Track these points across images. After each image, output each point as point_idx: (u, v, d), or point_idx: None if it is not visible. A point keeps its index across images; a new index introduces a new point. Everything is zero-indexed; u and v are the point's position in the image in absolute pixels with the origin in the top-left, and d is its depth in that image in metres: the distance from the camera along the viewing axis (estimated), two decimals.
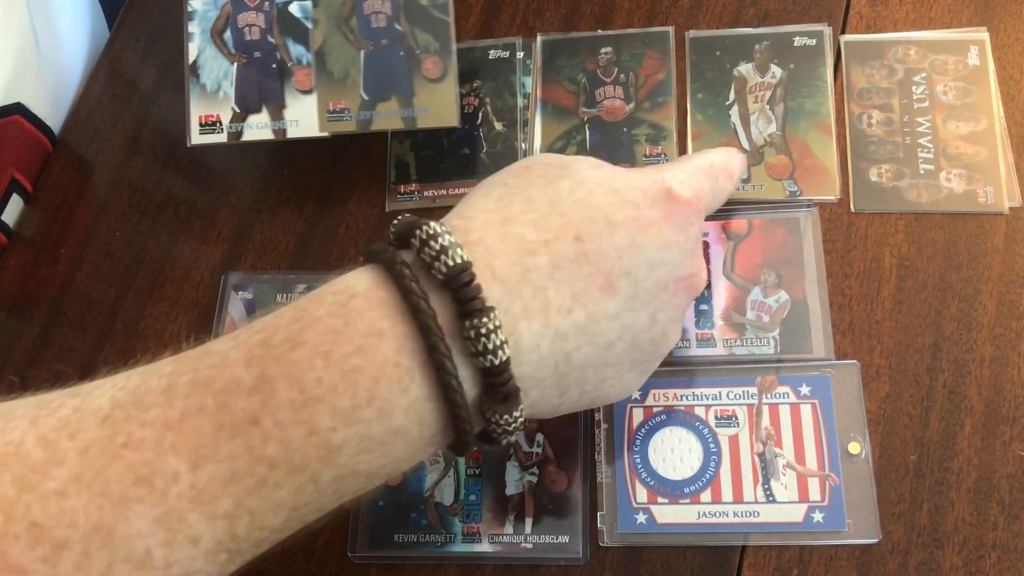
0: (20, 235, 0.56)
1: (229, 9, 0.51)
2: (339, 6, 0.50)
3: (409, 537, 0.45)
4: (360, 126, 0.49)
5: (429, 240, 0.30)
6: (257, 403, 0.28)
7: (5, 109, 0.54)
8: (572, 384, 0.34)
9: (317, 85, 0.50)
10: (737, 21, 0.53)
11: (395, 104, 0.49)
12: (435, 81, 0.49)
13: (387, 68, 0.49)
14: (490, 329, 0.29)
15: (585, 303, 0.32)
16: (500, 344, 0.30)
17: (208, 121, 0.50)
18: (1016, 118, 0.49)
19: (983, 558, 0.41)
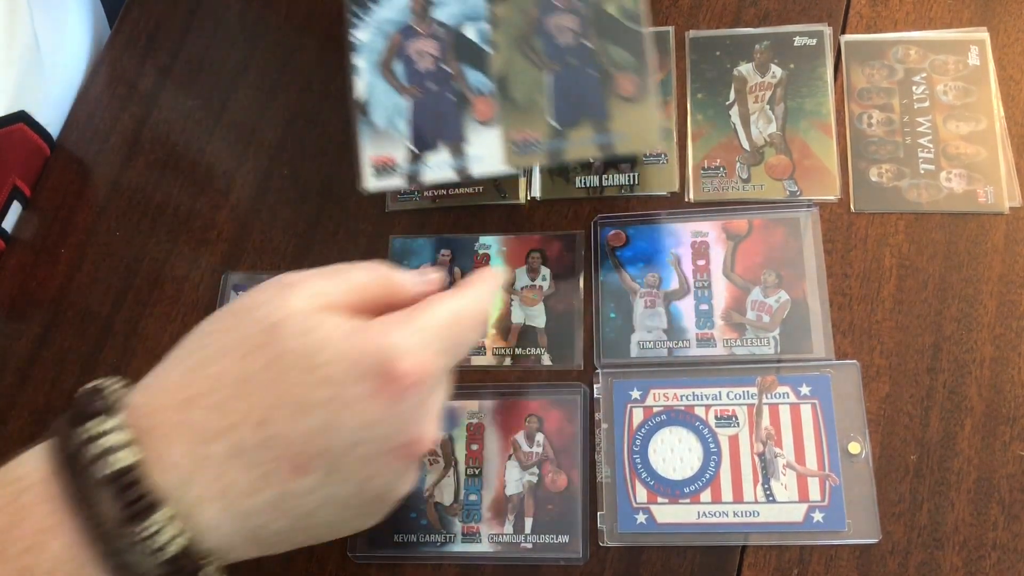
0: (20, 236, 0.56)
1: (398, 38, 0.46)
2: (520, 25, 0.45)
3: (409, 537, 0.45)
4: (550, 158, 0.44)
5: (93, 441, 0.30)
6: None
7: (10, 118, 0.54)
8: (276, 545, 0.34)
9: (500, 115, 0.45)
10: (737, 21, 0.53)
11: (588, 130, 0.44)
12: (632, 101, 0.44)
13: (577, 90, 0.44)
14: (157, 529, 0.29)
15: (272, 484, 0.32)
16: (172, 539, 0.30)
17: (382, 164, 0.45)
18: (1016, 118, 0.48)
19: (983, 558, 0.41)
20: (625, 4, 0.44)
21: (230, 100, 0.57)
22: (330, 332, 0.33)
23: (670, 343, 0.47)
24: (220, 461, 0.31)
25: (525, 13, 0.45)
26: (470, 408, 0.47)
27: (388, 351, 0.32)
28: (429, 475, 0.46)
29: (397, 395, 0.32)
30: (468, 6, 0.45)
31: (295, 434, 0.32)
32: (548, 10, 0.45)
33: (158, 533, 0.29)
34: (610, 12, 0.44)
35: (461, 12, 0.45)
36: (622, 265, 0.49)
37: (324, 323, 0.33)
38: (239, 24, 0.60)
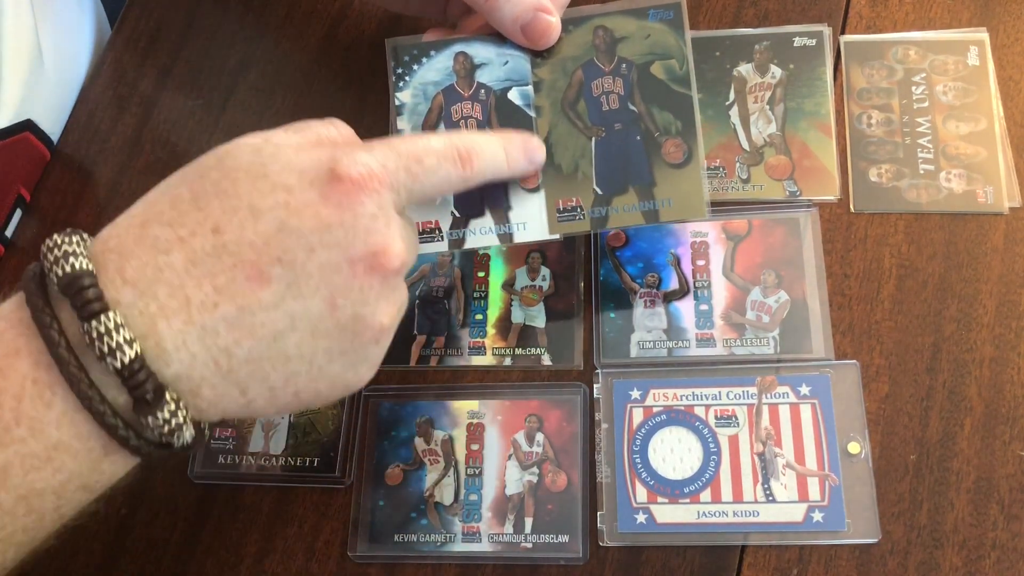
0: (21, 236, 0.56)
1: (441, 100, 0.45)
2: (564, 89, 0.44)
3: (409, 537, 0.45)
4: (595, 225, 0.43)
5: (48, 252, 0.31)
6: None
7: (16, 127, 0.54)
8: (250, 380, 0.32)
9: (544, 181, 0.43)
10: (737, 21, 0.53)
11: (633, 197, 0.43)
12: (678, 167, 0.43)
13: (622, 156, 0.43)
14: (107, 329, 0.29)
15: (232, 295, 0.31)
16: (121, 344, 0.29)
17: (426, 228, 0.44)
18: (1016, 118, 0.49)
19: (983, 558, 0.41)
20: (672, 67, 0.44)
21: (230, 100, 0.58)
22: (281, 148, 0.33)
23: (670, 343, 0.47)
24: (177, 272, 0.31)
25: (569, 76, 0.44)
26: (470, 408, 0.47)
27: (337, 159, 0.33)
28: (429, 475, 0.46)
29: (348, 198, 0.32)
30: (512, 69, 0.45)
31: (249, 239, 0.31)
32: (593, 73, 0.44)
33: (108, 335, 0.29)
34: (657, 75, 0.44)
35: (505, 75, 0.45)
36: (622, 265, 0.49)
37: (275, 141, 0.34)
38: (239, 24, 0.60)
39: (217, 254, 0.31)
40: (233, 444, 0.48)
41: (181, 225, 0.32)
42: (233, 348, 0.31)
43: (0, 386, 0.30)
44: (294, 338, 0.32)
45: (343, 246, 0.32)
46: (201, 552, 0.46)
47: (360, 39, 0.58)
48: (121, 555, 0.47)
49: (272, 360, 0.32)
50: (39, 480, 0.30)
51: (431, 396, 0.48)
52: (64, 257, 0.30)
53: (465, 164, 0.37)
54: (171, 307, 0.31)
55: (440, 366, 0.48)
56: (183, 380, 0.31)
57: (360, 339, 0.34)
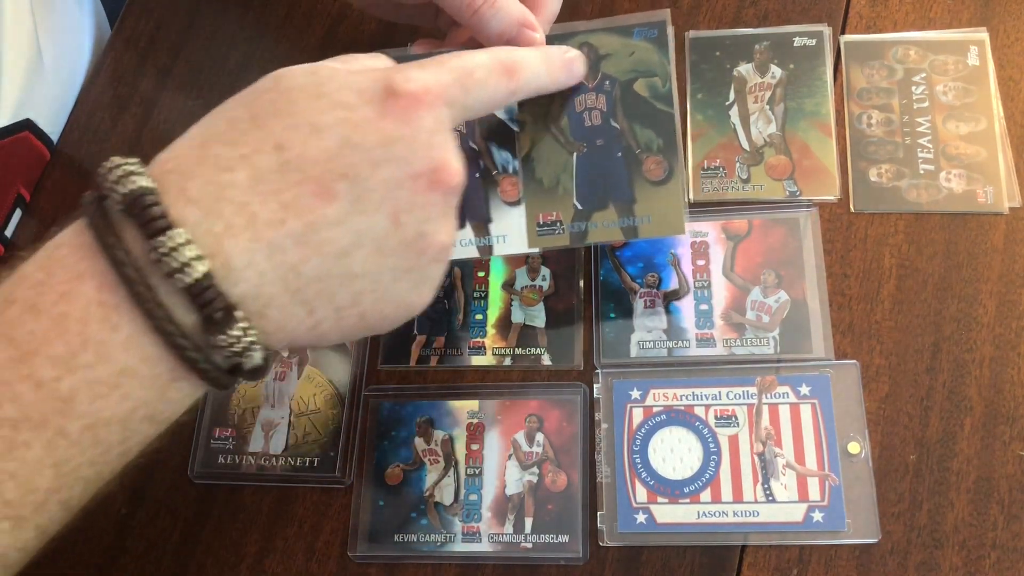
0: (21, 236, 0.56)
1: None
2: (548, 104, 0.44)
3: (409, 537, 0.45)
4: (574, 240, 0.44)
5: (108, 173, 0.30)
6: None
7: (15, 127, 0.54)
8: (317, 300, 0.32)
9: (525, 195, 0.44)
10: (737, 21, 0.53)
11: (613, 213, 0.43)
12: (659, 184, 0.43)
13: (603, 172, 0.43)
14: (176, 245, 0.29)
15: (299, 212, 0.31)
16: (190, 260, 0.29)
17: None
18: (1016, 118, 0.49)
19: (983, 558, 0.41)
20: (655, 84, 0.44)
21: None
22: (336, 69, 0.34)
23: (670, 343, 0.47)
24: (242, 190, 0.30)
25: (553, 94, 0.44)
26: (470, 408, 0.47)
27: (392, 76, 0.33)
28: (429, 475, 0.46)
29: (407, 113, 0.32)
30: None
31: (313, 155, 0.31)
32: (576, 89, 0.44)
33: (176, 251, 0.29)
34: (640, 92, 0.44)
35: None
36: (622, 265, 0.49)
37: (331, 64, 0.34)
38: (239, 24, 0.60)
39: (281, 171, 0.31)
40: (233, 444, 0.48)
41: (243, 144, 0.31)
42: (301, 265, 0.31)
43: (64, 311, 0.29)
44: (360, 255, 0.32)
45: (406, 161, 0.32)
46: (201, 552, 0.46)
47: (360, 39, 0.58)
48: (121, 555, 0.47)
49: (339, 278, 0.32)
50: (106, 408, 0.29)
51: (431, 396, 0.48)
52: (126, 176, 0.30)
53: (512, 76, 0.37)
54: (237, 224, 0.30)
55: (440, 366, 0.48)
56: (250, 300, 0.31)
57: (423, 256, 0.34)
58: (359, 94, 0.33)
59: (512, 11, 0.42)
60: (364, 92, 0.33)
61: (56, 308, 0.29)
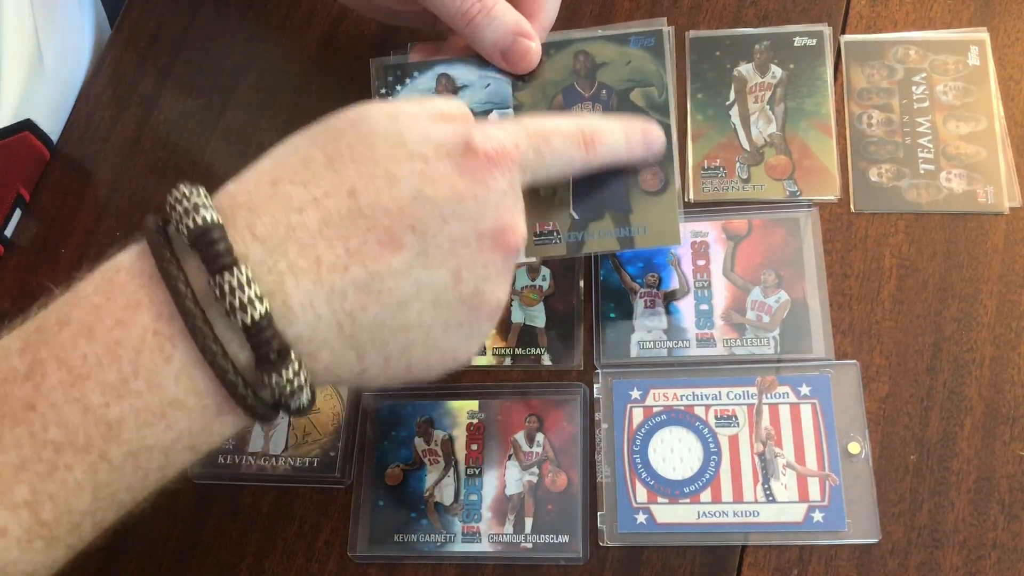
0: (21, 236, 0.56)
1: None
2: (545, 113, 0.45)
3: (409, 537, 0.45)
4: (570, 249, 0.44)
5: (176, 204, 0.30)
6: (31, 388, 0.29)
7: (15, 127, 0.54)
8: (369, 346, 0.32)
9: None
10: (737, 21, 0.53)
11: (609, 223, 0.43)
12: (655, 194, 0.43)
13: (599, 182, 0.43)
14: (239, 284, 0.29)
15: (364, 259, 0.31)
16: (252, 299, 0.29)
17: None
18: (1016, 118, 0.49)
19: (983, 558, 0.41)
20: (652, 94, 0.44)
21: (230, 100, 0.58)
22: (417, 116, 0.34)
23: (670, 343, 0.47)
24: (310, 232, 0.31)
25: (550, 100, 0.44)
26: (470, 408, 0.47)
27: (474, 133, 0.33)
28: (429, 475, 0.46)
29: (482, 173, 0.33)
30: (494, 92, 0.45)
31: (385, 204, 0.31)
32: (573, 98, 0.44)
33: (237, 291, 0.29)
34: (636, 102, 0.44)
35: (486, 97, 0.45)
36: (622, 265, 0.49)
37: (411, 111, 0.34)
38: (239, 24, 0.60)
39: (352, 217, 0.31)
40: (233, 444, 0.48)
41: (316, 185, 0.31)
42: (359, 313, 0.31)
43: (119, 337, 0.29)
44: (417, 307, 0.32)
45: (474, 219, 0.33)
46: (201, 552, 0.46)
47: (360, 39, 0.58)
48: (121, 555, 0.47)
49: (393, 328, 0.32)
50: (151, 436, 0.30)
51: (431, 396, 0.48)
52: (195, 209, 0.30)
53: (588, 147, 0.38)
54: (301, 266, 0.30)
55: None
56: (304, 341, 0.31)
57: (477, 313, 0.34)
58: (438, 148, 0.33)
59: (507, 20, 0.42)
60: (443, 146, 0.33)
61: (111, 334, 0.29)
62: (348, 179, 0.32)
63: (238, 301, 0.29)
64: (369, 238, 0.31)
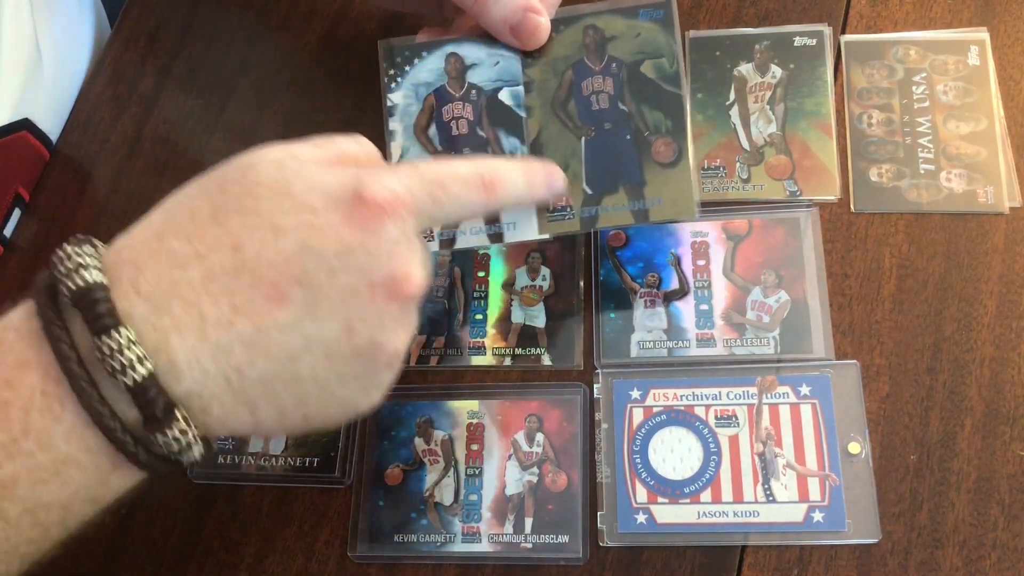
0: (21, 236, 0.56)
1: (432, 101, 0.45)
2: (555, 89, 0.44)
3: (409, 537, 0.45)
4: (584, 225, 0.43)
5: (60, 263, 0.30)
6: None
7: (13, 126, 0.54)
8: (260, 400, 0.32)
9: None
10: (737, 21, 0.53)
11: (623, 196, 0.43)
12: (669, 166, 0.43)
13: (612, 155, 0.43)
14: (119, 346, 0.29)
15: (249, 314, 0.30)
16: (133, 361, 0.29)
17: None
18: (1016, 118, 0.48)
19: (983, 558, 0.41)
20: (662, 66, 0.44)
21: (230, 100, 0.58)
22: (306, 165, 0.33)
23: (670, 343, 0.47)
24: (194, 288, 0.30)
25: (560, 76, 0.44)
26: (470, 408, 0.47)
27: (363, 181, 0.32)
28: (429, 475, 0.46)
29: (372, 222, 0.32)
30: (503, 69, 0.45)
31: (269, 257, 0.31)
32: (583, 73, 0.44)
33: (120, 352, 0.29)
34: (647, 74, 0.44)
35: (496, 75, 0.45)
36: (622, 265, 0.49)
37: (301, 157, 0.33)
38: (239, 24, 0.60)
39: (236, 272, 0.31)
40: (233, 444, 0.48)
41: (200, 240, 0.31)
42: (246, 368, 0.31)
43: (8, 398, 0.29)
44: (308, 360, 0.32)
45: (364, 270, 0.32)
46: (201, 552, 0.46)
47: (360, 39, 0.58)
48: (121, 555, 0.47)
49: (284, 381, 0.32)
50: (46, 493, 0.30)
51: (431, 396, 0.48)
52: (76, 269, 0.30)
53: (488, 192, 0.36)
54: (185, 323, 0.30)
55: (440, 366, 0.48)
56: (194, 397, 0.31)
57: (374, 364, 0.33)
58: (325, 197, 0.32)
59: None
60: (331, 194, 0.32)
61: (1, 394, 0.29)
62: (232, 233, 0.31)
63: (118, 363, 0.29)
64: (254, 293, 0.31)
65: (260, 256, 0.31)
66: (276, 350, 0.31)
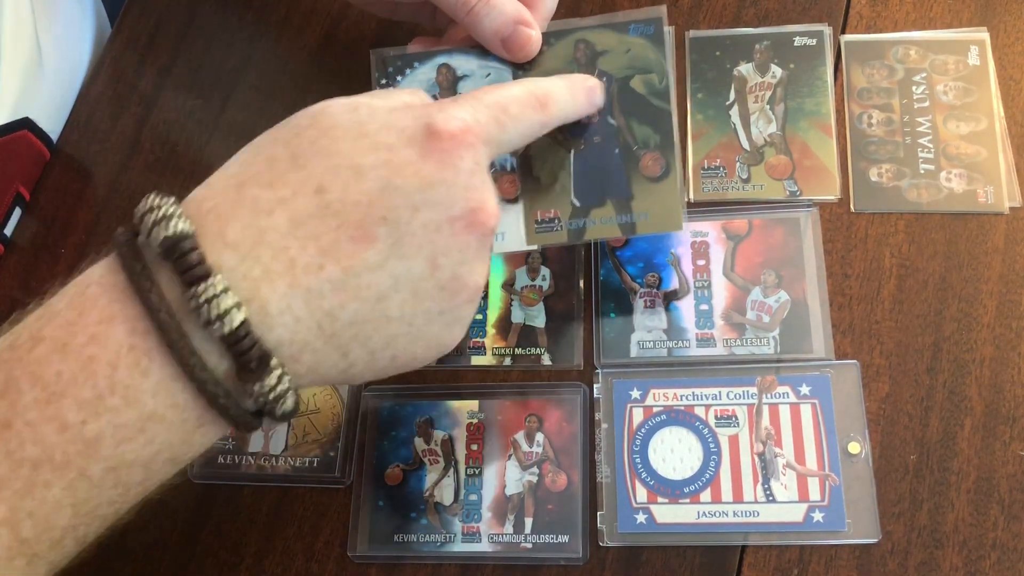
0: (21, 236, 0.56)
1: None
2: None
3: (409, 537, 0.45)
4: (572, 236, 0.44)
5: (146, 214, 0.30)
6: (6, 407, 0.28)
7: (14, 124, 0.54)
8: (352, 344, 0.32)
9: (523, 193, 0.44)
10: (737, 21, 0.53)
11: (611, 210, 0.43)
12: (656, 180, 0.43)
13: (600, 169, 0.44)
14: (214, 294, 0.28)
15: (338, 257, 0.31)
16: (228, 309, 0.29)
17: None
18: (1016, 118, 0.48)
19: (983, 558, 0.41)
20: (652, 81, 0.44)
21: (230, 100, 0.58)
22: (376, 107, 0.33)
23: (670, 343, 0.47)
24: (281, 234, 0.30)
25: None
26: (470, 408, 0.47)
27: (433, 116, 0.33)
28: (429, 475, 0.46)
29: (448, 155, 0.32)
30: (494, 81, 0.45)
31: (353, 198, 0.31)
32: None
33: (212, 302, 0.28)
34: (636, 89, 0.44)
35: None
36: (622, 265, 0.49)
37: (370, 102, 0.34)
38: (239, 24, 0.60)
39: (321, 215, 0.31)
40: (233, 444, 0.48)
41: (282, 185, 0.31)
42: (338, 311, 0.31)
43: (94, 353, 0.29)
44: (397, 299, 0.32)
45: (445, 204, 0.32)
46: (201, 552, 0.46)
47: (360, 39, 0.58)
48: (121, 556, 0.47)
49: (375, 322, 0.32)
50: (130, 451, 0.29)
51: (431, 396, 0.48)
52: (165, 219, 0.29)
53: (544, 108, 0.37)
54: (275, 270, 0.30)
55: (440, 366, 0.48)
56: (285, 345, 0.30)
57: (457, 298, 0.34)
58: (400, 134, 0.32)
59: (507, 8, 0.42)
60: (405, 131, 0.32)
61: (86, 350, 0.29)
62: (314, 176, 0.31)
63: (215, 312, 0.28)
64: (341, 235, 0.31)
65: (344, 197, 0.31)
66: (366, 291, 0.31)
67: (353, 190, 0.31)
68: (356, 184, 0.31)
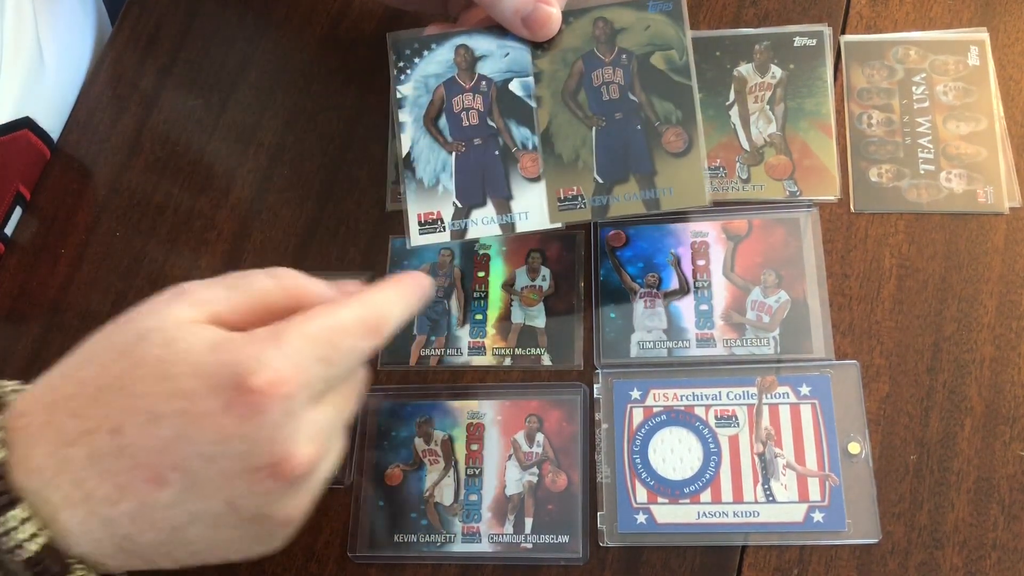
0: (21, 236, 0.56)
1: (442, 92, 0.45)
2: (565, 80, 0.44)
3: (409, 537, 0.45)
4: (596, 213, 0.44)
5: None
6: None
7: (14, 124, 0.54)
8: (155, 556, 0.34)
9: (545, 171, 0.44)
10: (737, 21, 0.53)
11: (634, 185, 0.43)
12: (679, 155, 0.43)
13: (623, 145, 0.44)
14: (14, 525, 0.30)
15: (132, 493, 0.32)
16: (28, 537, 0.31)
17: (428, 219, 0.44)
18: (1016, 118, 0.49)
19: (983, 558, 0.41)
20: (672, 57, 0.44)
21: (230, 100, 0.58)
22: (193, 344, 0.32)
23: (670, 343, 0.47)
24: (80, 466, 0.32)
25: (570, 67, 0.45)
26: (470, 408, 0.47)
27: (245, 364, 0.31)
28: (429, 475, 0.46)
29: (251, 410, 0.31)
30: (513, 60, 0.45)
31: (147, 444, 0.32)
32: (593, 64, 0.44)
33: (16, 531, 0.30)
34: (656, 65, 0.44)
35: (506, 66, 0.45)
36: (622, 265, 0.49)
37: (192, 335, 0.32)
38: (239, 24, 0.60)
39: (116, 455, 0.32)
40: None
41: (86, 417, 0.32)
42: (136, 536, 0.32)
43: None
44: (195, 530, 0.33)
45: (243, 457, 0.32)
46: None
47: (360, 38, 0.58)
48: None
49: (175, 544, 0.33)
50: None
51: (431, 396, 0.48)
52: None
53: (377, 334, 0.35)
54: (74, 498, 0.31)
55: (440, 366, 0.48)
56: (90, 556, 0.32)
57: (265, 527, 0.34)
58: (206, 381, 0.31)
59: None
60: (211, 379, 0.31)
61: None
62: (112, 415, 0.32)
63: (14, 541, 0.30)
64: (135, 476, 0.32)
65: (138, 442, 0.32)
66: (162, 523, 0.32)
67: (148, 435, 0.32)
68: (151, 429, 0.32)
